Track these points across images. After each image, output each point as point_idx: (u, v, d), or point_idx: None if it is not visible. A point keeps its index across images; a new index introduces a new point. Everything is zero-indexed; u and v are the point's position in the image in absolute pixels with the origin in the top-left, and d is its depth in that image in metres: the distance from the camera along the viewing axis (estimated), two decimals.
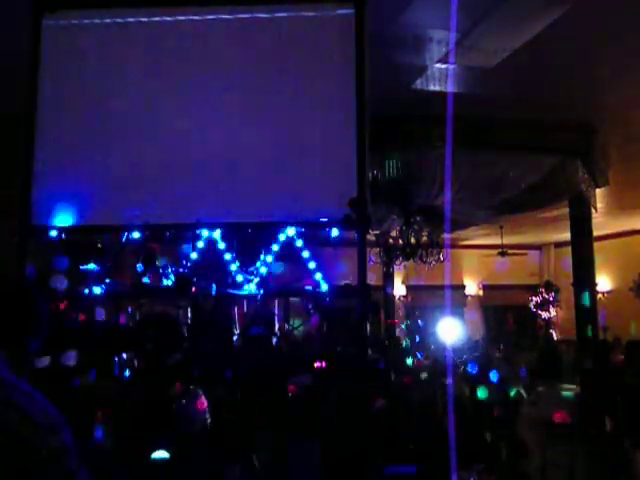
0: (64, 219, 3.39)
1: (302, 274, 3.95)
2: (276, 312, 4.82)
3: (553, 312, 14.16)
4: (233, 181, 3.42)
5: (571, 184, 6.56)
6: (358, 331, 3.44)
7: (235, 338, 4.22)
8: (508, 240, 12.83)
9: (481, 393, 5.50)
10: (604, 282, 12.75)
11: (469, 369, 6.08)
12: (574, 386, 6.58)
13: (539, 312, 14.33)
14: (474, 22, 4.32)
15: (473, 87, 5.45)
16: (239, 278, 4.13)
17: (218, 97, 3.46)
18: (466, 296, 15.35)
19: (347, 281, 4.90)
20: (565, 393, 6.28)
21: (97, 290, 3.62)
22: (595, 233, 7.34)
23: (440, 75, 5.23)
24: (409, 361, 7.89)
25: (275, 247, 4.19)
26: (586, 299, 6.97)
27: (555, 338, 13.49)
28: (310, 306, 4.90)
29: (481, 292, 15.48)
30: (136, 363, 3.73)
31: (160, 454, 3.13)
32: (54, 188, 3.45)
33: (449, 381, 5.79)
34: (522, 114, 6.09)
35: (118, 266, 3.82)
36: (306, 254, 3.96)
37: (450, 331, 7.98)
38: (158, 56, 3.50)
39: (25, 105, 3.48)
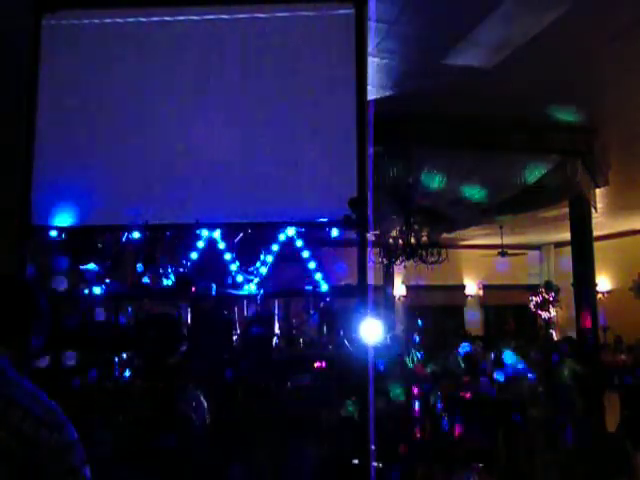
0: (64, 219, 3.39)
1: (302, 274, 3.95)
2: (276, 312, 4.80)
3: (553, 312, 14.14)
4: (233, 181, 3.42)
5: (571, 184, 6.57)
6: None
7: (235, 338, 4.22)
8: (508, 240, 12.83)
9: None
10: (604, 282, 12.75)
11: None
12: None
13: (539, 312, 14.31)
14: (474, 21, 4.32)
15: (473, 87, 5.44)
16: (239, 278, 4.13)
17: (217, 98, 3.46)
18: (466, 296, 15.35)
19: (347, 281, 4.88)
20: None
21: (97, 290, 3.62)
22: (595, 233, 7.35)
23: (439, 74, 5.23)
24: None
25: (275, 247, 4.19)
26: (586, 299, 6.98)
27: (555, 338, 13.48)
28: (310, 306, 4.89)
29: (481, 292, 15.47)
30: (136, 363, 3.72)
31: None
32: (54, 188, 3.44)
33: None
34: (522, 114, 6.08)
35: (118, 266, 3.82)
36: (306, 254, 3.95)
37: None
38: (157, 57, 3.50)
39: (25, 105, 3.48)
